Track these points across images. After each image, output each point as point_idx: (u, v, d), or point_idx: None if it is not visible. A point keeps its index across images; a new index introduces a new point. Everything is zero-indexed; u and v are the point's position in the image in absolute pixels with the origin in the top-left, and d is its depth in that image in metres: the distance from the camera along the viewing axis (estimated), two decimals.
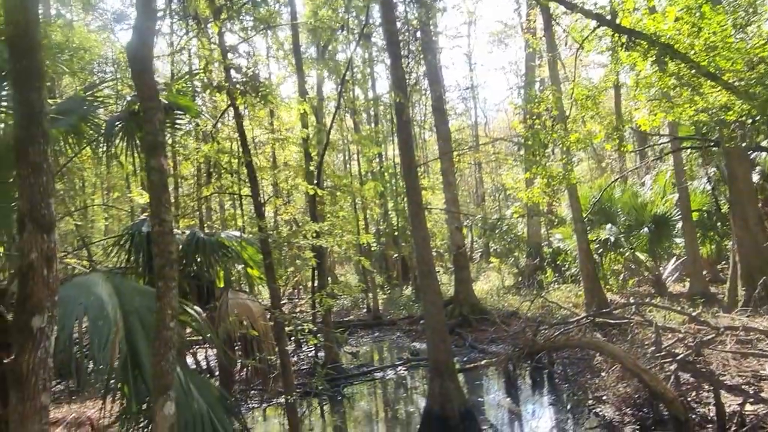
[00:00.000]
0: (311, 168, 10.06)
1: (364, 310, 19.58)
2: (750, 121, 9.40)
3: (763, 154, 14.12)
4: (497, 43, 38.56)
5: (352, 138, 15.80)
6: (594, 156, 27.99)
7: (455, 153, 18.06)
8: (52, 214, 3.31)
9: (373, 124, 23.69)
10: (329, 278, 23.67)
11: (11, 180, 4.60)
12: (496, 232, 23.16)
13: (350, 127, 22.16)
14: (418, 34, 11.42)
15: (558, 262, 19.50)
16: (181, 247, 6.92)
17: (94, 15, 18.01)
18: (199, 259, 6.97)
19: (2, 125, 5.54)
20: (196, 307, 4.60)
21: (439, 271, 25.55)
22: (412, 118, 29.46)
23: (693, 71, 8.57)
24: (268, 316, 6.58)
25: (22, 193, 3.31)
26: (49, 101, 6.20)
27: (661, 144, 16.05)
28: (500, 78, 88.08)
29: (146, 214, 8.04)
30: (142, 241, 6.07)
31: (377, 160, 22.48)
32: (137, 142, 6.39)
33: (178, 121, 7.16)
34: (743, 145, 10.48)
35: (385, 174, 21.80)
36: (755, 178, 14.87)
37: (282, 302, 20.35)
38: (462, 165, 31.28)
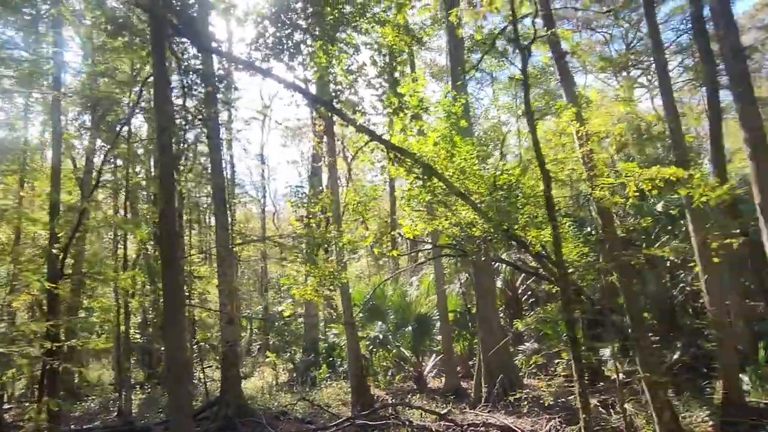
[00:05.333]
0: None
1: (115, 413, 16.97)
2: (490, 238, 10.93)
3: (505, 265, 16.48)
4: (291, 138, 40.21)
5: (115, 221, 14.36)
6: (372, 253, 29.77)
7: (236, 243, 17.62)
8: None
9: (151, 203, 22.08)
10: (76, 374, 20.30)
11: None
12: (275, 325, 22.65)
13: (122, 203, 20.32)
14: (196, 122, 11.22)
15: (332, 358, 19.66)
16: None
17: None
18: None
19: None
20: None
21: (211, 366, 23.75)
22: (200, 204, 28.28)
23: (447, 190, 9.75)
24: None
25: None
26: None
27: (426, 249, 17.71)
28: (292, 169, 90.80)
29: None
30: None
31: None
32: None
33: None
34: (483, 258, 12.03)
35: (152, 263, 20.09)
36: (498, 284, 17.21)
37: (8, 407, 16.69)
38: (247, 253, 30.51)
